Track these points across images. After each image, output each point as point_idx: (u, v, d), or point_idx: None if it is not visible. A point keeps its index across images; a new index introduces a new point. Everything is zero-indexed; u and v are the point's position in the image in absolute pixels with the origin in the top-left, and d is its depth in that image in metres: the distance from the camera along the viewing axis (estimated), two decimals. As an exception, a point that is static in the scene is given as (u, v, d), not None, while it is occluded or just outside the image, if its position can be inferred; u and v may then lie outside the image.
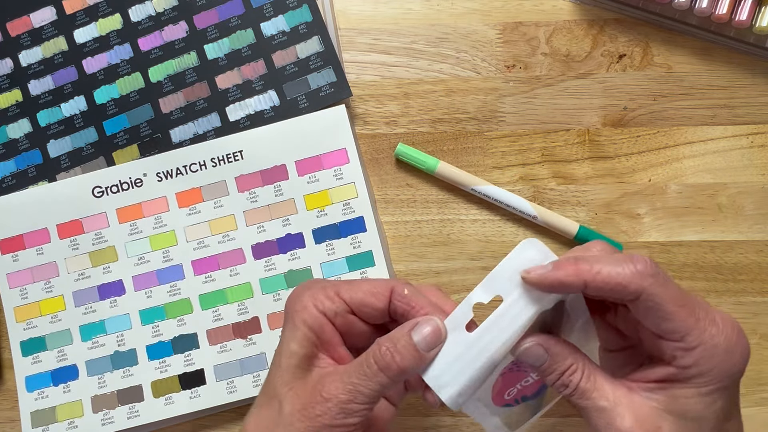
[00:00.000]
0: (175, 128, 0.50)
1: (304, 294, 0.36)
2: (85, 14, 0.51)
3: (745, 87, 0.49)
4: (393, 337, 0.33)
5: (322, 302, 0.35)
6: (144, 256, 0.49)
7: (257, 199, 0.49)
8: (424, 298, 0.35)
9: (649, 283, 0.30)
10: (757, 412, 0.48)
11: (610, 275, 0.30)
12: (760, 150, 0.49)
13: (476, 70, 0.50)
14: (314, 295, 0.35)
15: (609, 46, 0.50)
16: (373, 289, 0.35)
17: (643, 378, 0.32)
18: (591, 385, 0.31)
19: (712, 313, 0.31)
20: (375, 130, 0.50)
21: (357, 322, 0.36)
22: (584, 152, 0.49)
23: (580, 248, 0.34)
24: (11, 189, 0.50)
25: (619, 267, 0.30)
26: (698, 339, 0.30)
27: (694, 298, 0.31)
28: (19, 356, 0.48)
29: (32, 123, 0.50)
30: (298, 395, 0.33)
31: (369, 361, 0.32)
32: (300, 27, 0.50)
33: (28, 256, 0.49)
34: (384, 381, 0.32)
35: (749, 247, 0.49)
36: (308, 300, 0.35)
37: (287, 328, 0.35)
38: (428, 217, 0.49)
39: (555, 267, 0.30)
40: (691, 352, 0.30)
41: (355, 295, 0.35)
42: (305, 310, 0.35)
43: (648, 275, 0.30)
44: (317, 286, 0.36)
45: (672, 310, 0.30)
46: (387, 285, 0.35)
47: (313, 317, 0.35)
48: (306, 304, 0.35)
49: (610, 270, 0.30)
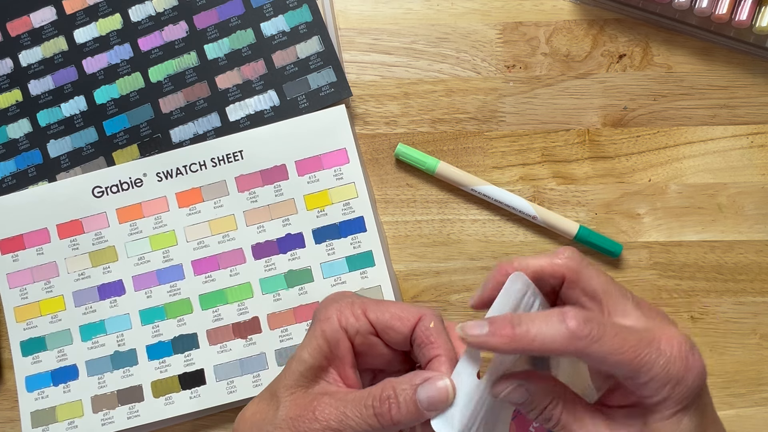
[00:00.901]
0: (175, 128, 0.50)
1: (332, 306, 0.35)
2: (85, 14, 0.51)
3: (745, 87, 0.49)
4: (399, 385, 0.32)
5: (347, 318, 0.35)
6: (144, 256, 0.49)
7: (257, 199, 0.49)
8: (444, 338, 0.34)
9: (584, 344, 0.29)
10: (756, 412, 0.48)
11: (544, 343, 0.29)
12: (760, 150, 0.49)
13: (476, 70, 0.50)
14: (341, 308, 0.35)
15: (609, 46, 0.50)
16: (400, 314, 0.35)
17: (621, 402, 0.33)
18: (572, 418, 0.32)
19: (657, 341, 0.30)
20: (375, 130, 0.50)
21: (378, 344, 0.35)
22: (584, 152, 0.49)
23: (549, 255, 0.34)
24: (11, 189, 0.50)
25: (553, 329, 0.29)
26: (648, 374, 0.30)
27: (635, 330, 0.31)
28: (19, 356, 0.48)
29: (32, 123, 0.50)
30: (296, 404, 0.33)
31: (367, 402, 0.32)
32: (300, 27, 0.50)
33: (28, 256, 0.49)
34: (375, 425, 0.31)
35: (749, 247, 0.49)
36: (333, 312, 0.35)
37: (308, 334, 0.35)
38: (428, 217, 0.49)
39: (490, 332, 0.30)
40: (646, 386, 0.30)
41: (382, 316, 0.35)
42: (327, 322, 0.35)
43: (581, 337, 0.29)
44: (346, 301, 0.36)
45: (615, 360, 0.30)
46: (416, 312, 0.35)
47: (332, 330, 0.34)
48: (330, 315, 0.35)
49: (544, 337, 0.29)
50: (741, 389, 0.48)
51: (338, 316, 0.35)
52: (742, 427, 0.47)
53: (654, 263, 0.49)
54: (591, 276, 0.33)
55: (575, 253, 0.34)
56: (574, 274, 0.33)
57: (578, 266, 0.33)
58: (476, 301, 0.35)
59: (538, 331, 0.30)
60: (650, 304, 0.34)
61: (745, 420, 0.48)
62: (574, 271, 0.33)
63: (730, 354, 0.48)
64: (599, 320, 0.30)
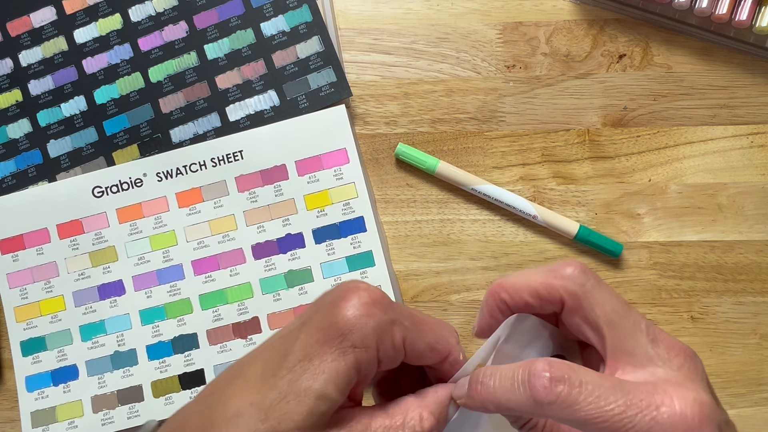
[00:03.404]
0: (175, 128, 0.50)
1: (369, 325, 0.26)
2: (85, 14, 0.51)
3: (745, 87, 0.49)
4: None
5: (386, 350, 0.27)
6: (144, 256, 0.49)
7: (257, 199, 0.49)
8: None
9: (552, 410, 0.24)
10: (757, 412, 0.48)
11: (511, 408, 0.25)
12: (760, 150, 0.49)
13: (476, 70, 0.50)
14: (382, 335, 0.27)
15: (609, 46, 0.50)
16: (435, 345, 0.29)
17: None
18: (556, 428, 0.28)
19: (657, 404, 0.24)
20: (375, 130, 0.50)
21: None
22: (584, 152, 0.49)
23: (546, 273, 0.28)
24: (11, 189, 0.50)
25: (516, 393, 0.25)
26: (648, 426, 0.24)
27: (630, 387, 0.24)
28: (19, 356, 0.48)
29: (32, 123, 0.50)
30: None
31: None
32: (300, 27, 0.50)
33: (28, 256, 0.49)
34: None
35: (749, 247, 0.49)
36: (373, 339, 0.26)
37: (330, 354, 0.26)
38: (428, 217, 0.49)
39: (468, 396, 0.27)
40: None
41: (417, 347, 0.28)
42: (365, 351, 0.26)
43: (546, 403, 0.24)
44: (387, 319, 0.27)
45: (595, 429, 0.24)
46: (446, 343, 0.29)
47: (368, 363, 0.26)
48: (369, 343, 0.26)
49: (508, 401, 0.25)
50: (741, 389, 0.48)
51: (378, 343, 0.26)
52: (742, 427, 0.47)
53: (654, 263, 0.49)
54: (594, 303, 0.27)
55: (577, 271, 0.28)
56: (574, 299, 0.27)
57: (580, 290, 0.27)
58: (476, 331, 0.31)
59: (503, 394, 0.25)
60: (674, 340, 0.27)
61: (745, 420, 0.48)
62: (574, 296, 0.27)
63: (730, 354, 0.48)
64: (574, 378, 0.24)
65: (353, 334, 0.26)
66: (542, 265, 0.48)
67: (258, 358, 0.27)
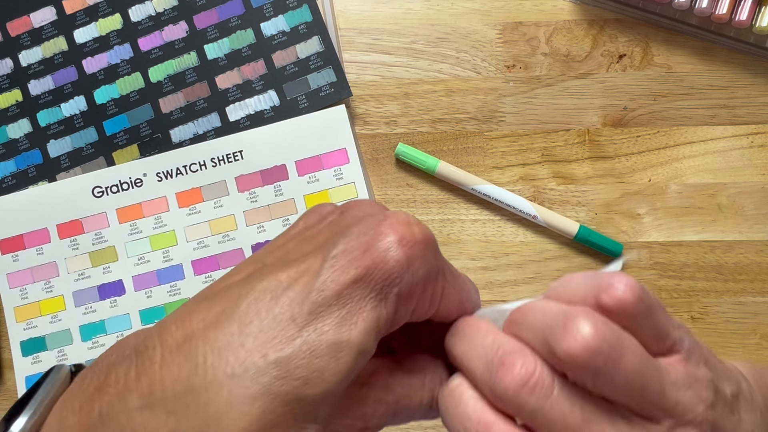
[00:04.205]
0: (175, 128, 0.50)
1: (424, 267, 0.21)
2: (85, 14, 0.51)
3: (745, 87, 0.49)
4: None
5: (425, 299, 0.23)
6: (144, 256, 0.49)
7: (257, 199, 0.49)
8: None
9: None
10: (757, 412, 0.48)
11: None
12: (760, 150, 0.49)
13: (476, 70, 0.50)
14: (431, 279, 0.22)
15: (609, 46, 0.50)
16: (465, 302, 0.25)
17: None
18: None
19: None
20: (375, 130, 0.50)
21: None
22: (584, 152, 0.49)
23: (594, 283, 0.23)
24: (11, 189, 0.50)
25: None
26: None
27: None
28: (19, 356, 0.48)
29: (32, 123, 0.50)
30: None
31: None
32: (300, 27, 0.50)
33: (28, 256, 0.49)
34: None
35: (749, 247, 0.48)
36: (421, 284, 0.22)
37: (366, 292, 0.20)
38: (428, 217, 0.49)
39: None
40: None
41: (450, 303, 0.24)
42: (411, 294, 0.21)
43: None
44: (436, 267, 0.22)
45: None
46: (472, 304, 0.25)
47: (407, 312, 0.22)
48: (417, 283, 0.22)
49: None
50: (741, 389, 0.48)
51: (421, 294, 0.22)
52: (742, 427, 0.47)
53: (654, 263, 0.49)
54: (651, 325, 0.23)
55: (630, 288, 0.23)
56: (629, 321, 0.22)
57: (634, 310, 0.22)
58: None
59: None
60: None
61: (745, 420, 0.48)
62: (630, 317, 0.22)
63: (730, 354, 0.48)
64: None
65: (402, 280, 0.21)
66: (542, 265, 0.49)
67: (256, 290, 0.20)
